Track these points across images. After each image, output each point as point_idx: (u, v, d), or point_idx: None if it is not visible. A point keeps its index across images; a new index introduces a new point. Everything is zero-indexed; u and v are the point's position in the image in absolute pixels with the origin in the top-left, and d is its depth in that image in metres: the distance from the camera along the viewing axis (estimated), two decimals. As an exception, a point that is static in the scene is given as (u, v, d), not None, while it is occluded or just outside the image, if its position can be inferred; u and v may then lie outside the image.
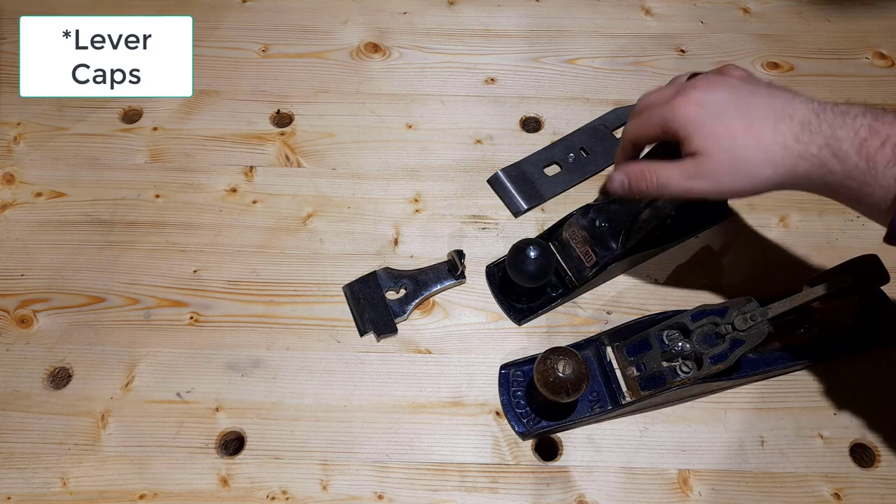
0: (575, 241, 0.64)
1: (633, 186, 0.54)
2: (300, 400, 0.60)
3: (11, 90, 0.77)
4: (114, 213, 0.70)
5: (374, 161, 0.73)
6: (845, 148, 0.45)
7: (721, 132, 0.49)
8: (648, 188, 0.53)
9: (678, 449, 0.58)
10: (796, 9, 0.85)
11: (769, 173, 0.48)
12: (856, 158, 0.44)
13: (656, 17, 0.85)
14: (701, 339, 0.55)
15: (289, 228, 0.69)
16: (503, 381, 0.60)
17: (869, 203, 0.45)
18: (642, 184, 0.53)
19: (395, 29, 0.83)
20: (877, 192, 0.44)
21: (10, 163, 0.73)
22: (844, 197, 0.47)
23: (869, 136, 0.44)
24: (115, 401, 0.60)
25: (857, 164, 0.44)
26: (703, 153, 0.50)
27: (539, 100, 0.78)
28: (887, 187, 0.43)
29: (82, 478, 0.56)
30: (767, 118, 0.48)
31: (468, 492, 0.56)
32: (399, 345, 0.63)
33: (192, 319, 0.64)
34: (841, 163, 0.45)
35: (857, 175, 0.44)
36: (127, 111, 0.77)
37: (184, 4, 0.85)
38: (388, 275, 0.65)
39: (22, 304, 0.64)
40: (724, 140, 0.49)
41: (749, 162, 0.48)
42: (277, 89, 0.78)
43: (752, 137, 0.48)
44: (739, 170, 0.49)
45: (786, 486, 0.56)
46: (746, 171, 0.49)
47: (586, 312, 0.65)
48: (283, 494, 0.56)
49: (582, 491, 0.56)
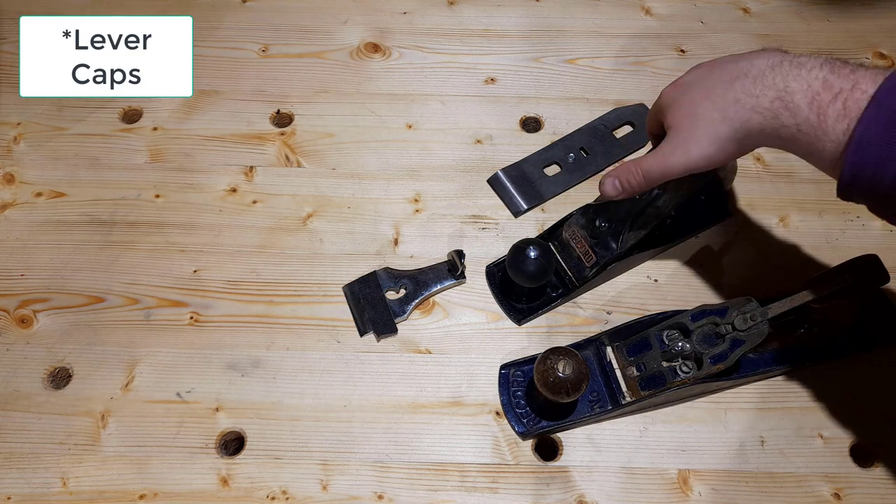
0: (575, 241, 0.64)
1: (623, 185, 0.56)
2: (300, 400, 0.60)
3: (11, 90, 0.77)
4: (114, 213, 0.70)
5: (374, 161, 0.73)
6: (797, 101, 0.45)
7: (685, 103, 0.51)
8: (637, 181, 0.55)
9: (678, 449, 0.58)
10: (796, 9, 0.85)
11: (725, 130, 0.49)
12: (807, 111, 0.44)
13: (656, 17, 0.85)
14: (701, 339, 0.55)
15: (289, 228, 0.69)
16: (503, 381, 0.60)
17: (820, 156, 0.45)
18: (631, 179, 0.55)
19: (395, 29, 0.83)
20: (827, 146, 0.44)
21: (10, 163, 0.73)
22: (797, 150, 0.47)
23: (822, 90, 0.44)
24: (115, 401, 0.60)
25: (807, 118, 0.44)
26: (672, 127, 0.52)
27: (539, 100, 0.78)
28: (837, 141, 0.43)
29: (82, 478, 0.56)
30: (724, 81, 0.50)
31: (468, 492, 0.56)
32: (399, 345, 0.63)
33: (192, 319, 0.64)
34: (793, 115, 0.45)
35: (807, 129, 0.45)
36: (127, 111, 0.77)
37: (184, 4, 0.85)
38: (388, 275, 0.65)
39: (22, 304, 0.64)
40: (686, 109, 0.51)
41: (706, 122, 0.50)
42: (277, 89, 0.78)
43: (709, 101, 0.50)
44: (699, 132, 0.50)
45: (786, 486, 0.56)
46: (706, 132, 0.50)
47: (586, 312, 0.65)
48: (283, 494, 0.56)
49: (582, 491, 0.56)
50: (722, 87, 0.50)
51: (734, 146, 0.50)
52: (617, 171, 0.56)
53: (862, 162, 0.42)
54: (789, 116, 0.45)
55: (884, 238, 0.68)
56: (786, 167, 0.73)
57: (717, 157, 0.50)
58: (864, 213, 0.69)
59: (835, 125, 0.43)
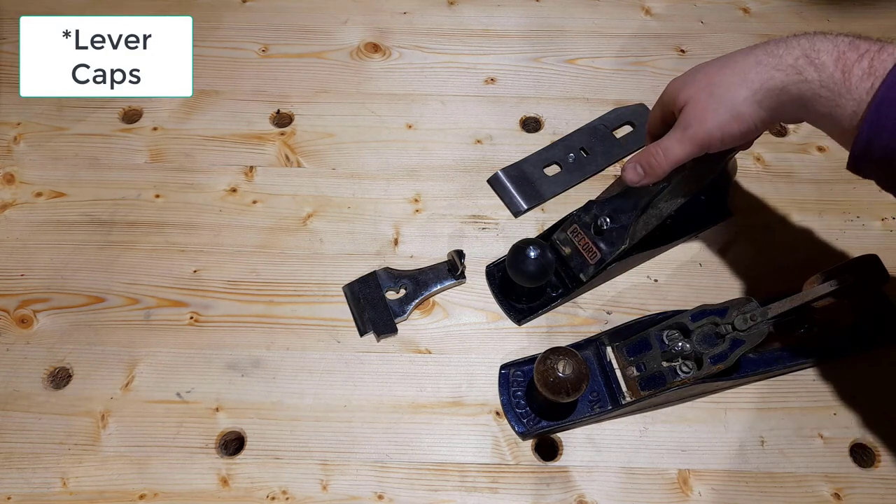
0: (576, 240, 0.64)
1: (645, 169, 0.55)
2: (300, 400, 0.60)
3: (11, 90, 0.77)
4: (114, 213, 0.70)
5: (374, 161, 0.73)
6: (823, 58, 0.45)
7: (700, 78, 0.51)
8: (659, 163, 0.54)
9: (678, 449, 0.58)
10: (796, 9, 0.85)
11: (745, 93, 0.48)
12: (832, 68, 0.44)
13: (656, 17, 0.85)
14: (701, 339, 0.55)
15: (289, 228, 0.69)
16: (503, 381, 0.60)
17: (839, 118, 0.45)
18: (652, 161, 0.54)
19: (395, 29, 0.83)
20: (848, 105, 0.44)
21: (10, 163, 0.73)
22: (817, 110, 0.46)
23: (848, 50, 0.44)
24: (115, 401, 0.60)
25: (832, 74, 0.44)
26: (687, 102, 0.51)
27: (539, 100, 0.78)
28: (859, 100, 0.43)
29: (82, 478, 0.56)
30: (741, 52, 0.50)
31: (468, 492, 0.56)
32: (399, 345, 0.63)
33: (192, 319, 0.64)
34: (817, 71, 0.45)
35: (831, 85, 0.44)
36: (127, 111, 0.77)
37: (184, 4, 0.85)
38: (388, 275, 0.65)
39: (22, 304, 0.64)
40: (702, 82, 0.51)
41: (724, 88, 0.49)
42: (277, 89, 0.78)
43: (728, 69, 0.50)
44: (716, 100, 0.50)
45: (786, 486, 0.56)
46: (723, 100, 0.49)
47: (586, 312, 0.65)
48: (283, 494, 0.56)
49: (582, 491, 0.56)
50: (741, 55, 0.49)
51: (753, 111, 0.49)
52: (638, 157, 0.56)
53: (880, 123, 0.42)
54: (813, 72, 0.45)
55: (884, 238, 0.68)
56: (786, 167, 0.73)
57: (733, 127, 0.50)
58: (864, 213, 0.69)
59: (858, 84, 0.43)
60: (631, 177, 0.56)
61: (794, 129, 0.76)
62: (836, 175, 0.72)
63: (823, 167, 0.73)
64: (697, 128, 0.51)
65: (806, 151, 0.74)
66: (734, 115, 0.49)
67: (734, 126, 0.50)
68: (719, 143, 0.51)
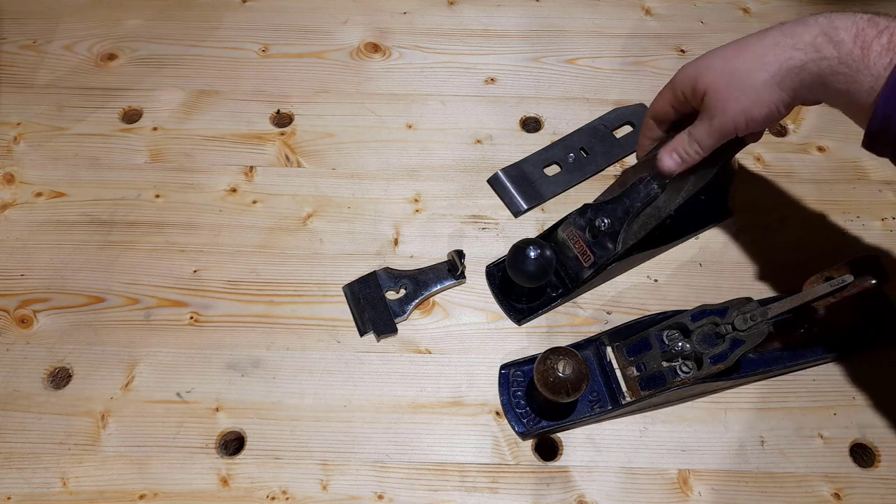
0: (574, 241, 0.64)
1: (683, 157, 0.55)
2: (300, 400, 0.60)
3: (11, 90, 0.77)
4: (114, 213, 0.70)
5: (374, 161, 0.73)
6: (842, 35, 0.45)
7: (718, 65, 0.51)
8: (695, 150, 0.54)
9: (678, 449, 0.58)
10: (796, 9, 0.85)
11: (764, 76, 0.48)
12: (851, 45, 0.44)
13: (656, 17, 0.85)
14: (701, 339, 0.55)
15: (289, 228, 0.69)
16: (503, 381, 0.60)
17: (856, 95, 0.45)
18: (688, 148, 0.54)
19: (395, 29, 0.83)
20: (866, 80, 0.44)
21: (10, 163, 0.73)
22: (835, 87, 0.46)
23: (867, 26, 0.44)
24: (115, 401, 0.60)
25: (851, 51, 0.44)
26: (707, 90, 0.51)
27: (539, 100, 0.78)
28: (877, 76, 0.43)
29: (82, 478, 0.56)
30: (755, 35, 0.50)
31: (468, 492, 0.56)
32: (399, 345, 0.63)
33: (192, 319, 0.64)
34: (836, 48, 0.45)
35: (850, 62, 0.44)
36: (127, 111, 0.77)
37: (184, 4, 0.85)
38: (388, 275, 0.65)
39: (22, 304, 0.64)
40: (720, 70, 0.50)
41: (742, 74, 0.49)
42: (277, 89, 0.78)
43: (745, 53, 0.49)
44: (736, 85, 0.49)
45: (786, 486, 0.56)
46: (742, 84, 0.49)
47: (586, 312, 0.65)
48: (283, 494, 0.56)
49: (582, 491, 0.56)
50: (755, 38, 0.49)
51: (774, 94, 0.48)
52: (673, 145, 0.56)
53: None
54: (832, 49, 0.45)
55: (884, 238, 0.68)
56: (786, 167, 0.73)
57: (755, 111, 0.49)
58: (864, 213, 0.69)
59: (877, 60, 0.43)
60: (669, 164, 0.56)
61: (794, 130, 0.76)
62: (836, 175, 0.72)
63: (823, 167, 0.73)
64: (722, 118, 0.51)
65: (806, 151, 0.74)
66: (755, 100, 0.49)
67: (756, 112, 0.50)
68: (745, 130, 0.51)
